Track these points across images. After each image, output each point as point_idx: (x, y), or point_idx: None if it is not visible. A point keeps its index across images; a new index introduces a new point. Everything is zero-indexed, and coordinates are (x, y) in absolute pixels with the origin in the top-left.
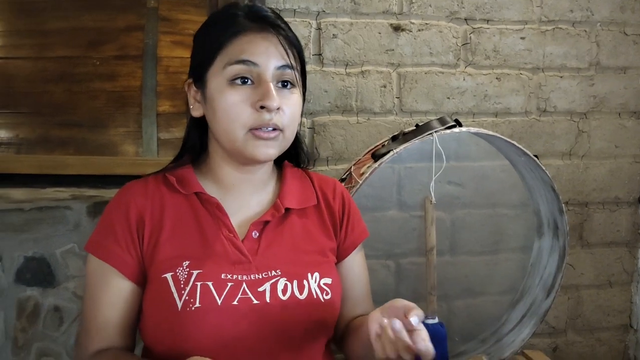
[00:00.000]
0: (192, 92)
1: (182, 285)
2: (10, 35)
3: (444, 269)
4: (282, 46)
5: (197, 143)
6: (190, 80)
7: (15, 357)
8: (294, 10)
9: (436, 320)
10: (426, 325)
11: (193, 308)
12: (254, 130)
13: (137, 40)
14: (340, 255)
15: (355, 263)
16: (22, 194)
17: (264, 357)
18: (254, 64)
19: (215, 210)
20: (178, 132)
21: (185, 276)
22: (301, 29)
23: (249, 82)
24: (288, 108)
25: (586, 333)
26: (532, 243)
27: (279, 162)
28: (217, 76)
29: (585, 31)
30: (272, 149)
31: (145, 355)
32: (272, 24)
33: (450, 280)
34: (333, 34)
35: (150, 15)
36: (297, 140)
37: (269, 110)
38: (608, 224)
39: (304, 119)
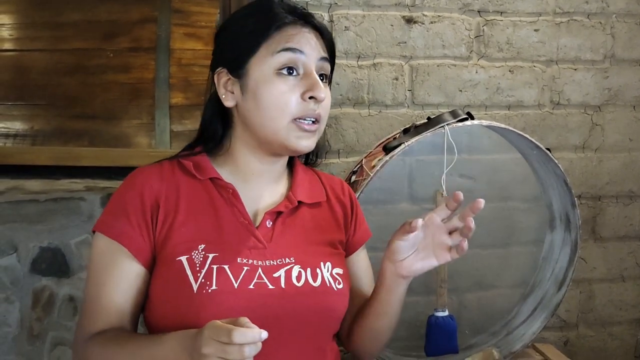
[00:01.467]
0: (223, 82)
1: (197, 268)
2: (26, 28)
3: (454, 262)
4: (322, 39)
5: (219, 133)
6: (223, 70)
7: (31, 346)
8: (307, 2)
9: (446, 313)
10: (436, 318)
11: (210, 290)
12: (298, 121)
13: (150, 32)
14: (348, 250)
15: (361, 260)
16: (37, 185)
17: (277, 342)
18: (301, 52)
19: (230, 197)
20: (190, 124)
21: (201, 259)
22: None
23: (295, 72)
24: (326, 102)
25: (598, 327)
26: (544, 236)
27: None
28: (262, 65)
29: (601, 23)
30: (312, 141)
31: None
32: (312, 19)
33: (461, 273)
34: (345, 27)
35: (163, 8)
36: None
37: (319, 101)
38: (621, 218)
39: None
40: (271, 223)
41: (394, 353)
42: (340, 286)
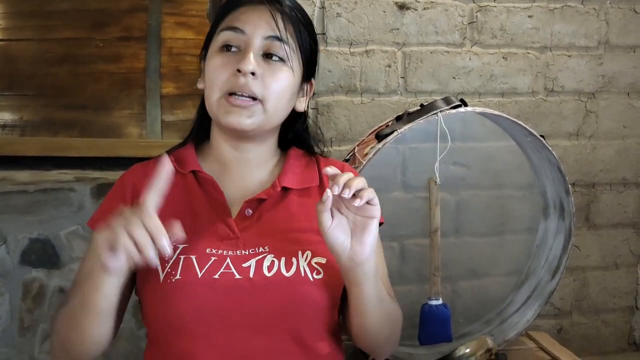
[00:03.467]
0: (201, 66)
1: (166, 258)
2: (14, 17)
3: (448, 250)
4: (274, 18)
5: (199, 121)
6: (202, 54)
7: (22, 338)
8: None
9: (440, 302)
10: (430, 307)
11: (173, 280)
12: (228, 96)
13: (140, 21)
14: None
15: None
16: (26, 176)
17: (251, 336)
18: (241, 31)
19: (209, 188)
20: (182, 114)
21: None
22: (305, 7)
23: (237, 50)
24: (270, 79)
25: (591, 315)
26: (538, 224)
27: (285, 148)
28: (212, 44)
29: (595, 9)
30: (247, 119)
31: (148, 336)
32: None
33: (455, 262)
34: (337, 13)
35: None
36: (304, 128)
37: (244, 74)
38: (615, 205)
39: None
40: (251, 212)
41: None
42: (319, 276)
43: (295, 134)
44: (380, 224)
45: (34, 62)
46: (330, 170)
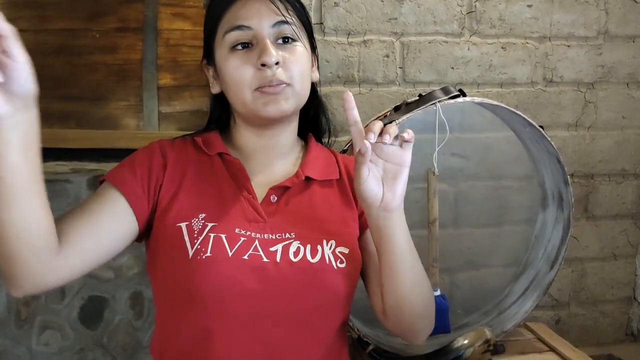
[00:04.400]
0: (208, 72)
1: (195, 235)
2: (9, 7)
3: (446, 241)
4: (274, 4)
5: (222, 116)
6: (205, 61)
7: (19, 330)
8: None
9: (438, 293)
10: None
11: (204, 257)
12: (260, 89)
13: (137, 12)
14: (363, 225)
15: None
16: None
17: (272, 319)
18: (248, 27)
19: (236, 172)
20: (179, 106)
21: (200, 227)
22: None
23: (249, 45)
24: (292, 63)
25: (589, 306)
26: (536, 215)
27: (303, 134)
28: (220, 47)
29: None
30: (284, 103)
31: (156, 302)
32: None
33: (453, 253)
34: (335, 2)
35: None
36: (318, 100)
37: (269, 67)
38: (614, 196)
39: None
40: (276, 198)
41: (386, 334)
42: (342, 265)
43: (314, 110)
44: None
45: (29, 53)
46: (347, 95)
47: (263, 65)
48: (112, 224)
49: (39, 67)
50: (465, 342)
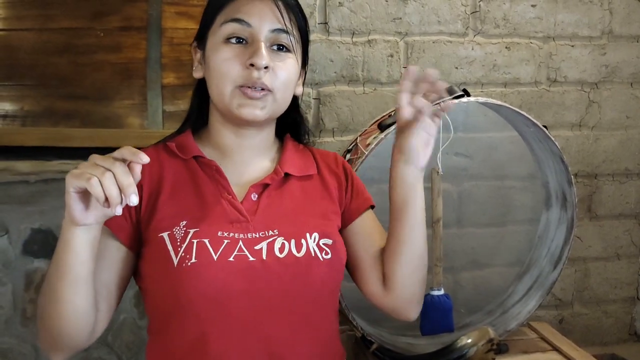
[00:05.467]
0: (196, 55)
1: (178, 243)
2: (14, 7)
3: (450, 240)
4: (279, 10)
5: (196, 108)
6: (194, 43)
7: (24, 328)
8: None
9: (442, 292)
10: (432, 297)
11: (189, 264)
12: (242, 88)
13: (141, 11)
14: (347, 219)
15: (366, 221)
16: (27, 166)
17: (264, 316)
18: (247, 24)
19: (214, 173)
20: (183, 105)
21: (182, 234)
22: None
23: (244, 42)
24: (280, 71)
25: (593, 305)
26: (540, 215)
27: (281, 135)
28: (214, 35)
29: None
30: (259, 110)
31: (147, 312)
32: None
33: (457, 252)
34: (339, 2)
35: None
36: (298, 112)
37: (258, 68)
38: (617, 196)
39: (309, 90)
40: (256, 196)
41: (389, 333)
42: (328, 256)
43: (293, 118)
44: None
45: (34, 52)
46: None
47: (252, 65)
48: (116, 272)
49: (43, 65)
50: (469, 341)
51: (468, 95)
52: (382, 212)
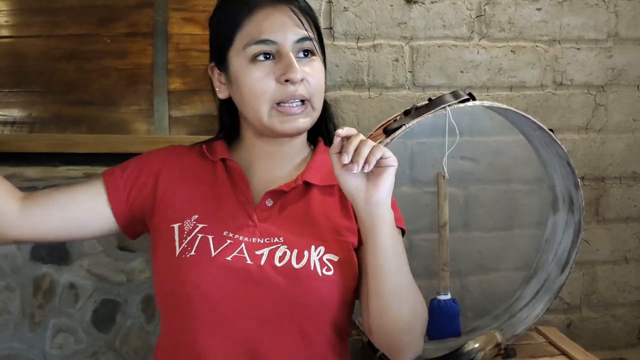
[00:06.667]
0: (216, 75)
1: (184, 235)
2: (21, 14)
3: (457, 245)
4: (298, 18)
5: (229, 123)
6: (213, 64)
7: (32, 334)
8: None
9: (449, 297)
10: (439, 301)
11: (188, 256)
12: (279, 106)
13: (147, 17)
14: (360, 238)
15: None
16: (35, 172)
17: (255, 321)
18: (272, 42)
19: (236, 177)
20: (189, 110)
21: (191, 227)
22: (312, 2)
23: (270, 57)
24: (312, 77)
25: (601, 309)
26: (547, 219)
27: (313, 138)
28: (239, 56)
29: (604, 1)
30: (301, 123)
31: (157, 303)
32: None
33: (464, 257)
34: (344, 7)
35: None
36: (328, 113)
37: (293, 83)
38: (625, 199)
39: None
40: (272, 202)
41: None
42: (329, 273)
43: (324, 121)
44: (403, 232)
45: (41, 58)
46: (342, 132)
47: (287, 80)
48: (82, 200)
49: (51, 72)
50: (476, 345)
51: (474, 99)
52: None
